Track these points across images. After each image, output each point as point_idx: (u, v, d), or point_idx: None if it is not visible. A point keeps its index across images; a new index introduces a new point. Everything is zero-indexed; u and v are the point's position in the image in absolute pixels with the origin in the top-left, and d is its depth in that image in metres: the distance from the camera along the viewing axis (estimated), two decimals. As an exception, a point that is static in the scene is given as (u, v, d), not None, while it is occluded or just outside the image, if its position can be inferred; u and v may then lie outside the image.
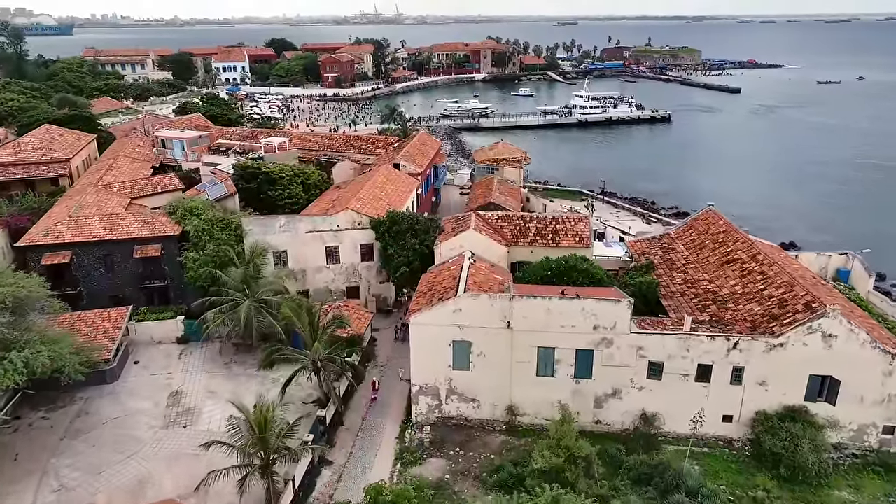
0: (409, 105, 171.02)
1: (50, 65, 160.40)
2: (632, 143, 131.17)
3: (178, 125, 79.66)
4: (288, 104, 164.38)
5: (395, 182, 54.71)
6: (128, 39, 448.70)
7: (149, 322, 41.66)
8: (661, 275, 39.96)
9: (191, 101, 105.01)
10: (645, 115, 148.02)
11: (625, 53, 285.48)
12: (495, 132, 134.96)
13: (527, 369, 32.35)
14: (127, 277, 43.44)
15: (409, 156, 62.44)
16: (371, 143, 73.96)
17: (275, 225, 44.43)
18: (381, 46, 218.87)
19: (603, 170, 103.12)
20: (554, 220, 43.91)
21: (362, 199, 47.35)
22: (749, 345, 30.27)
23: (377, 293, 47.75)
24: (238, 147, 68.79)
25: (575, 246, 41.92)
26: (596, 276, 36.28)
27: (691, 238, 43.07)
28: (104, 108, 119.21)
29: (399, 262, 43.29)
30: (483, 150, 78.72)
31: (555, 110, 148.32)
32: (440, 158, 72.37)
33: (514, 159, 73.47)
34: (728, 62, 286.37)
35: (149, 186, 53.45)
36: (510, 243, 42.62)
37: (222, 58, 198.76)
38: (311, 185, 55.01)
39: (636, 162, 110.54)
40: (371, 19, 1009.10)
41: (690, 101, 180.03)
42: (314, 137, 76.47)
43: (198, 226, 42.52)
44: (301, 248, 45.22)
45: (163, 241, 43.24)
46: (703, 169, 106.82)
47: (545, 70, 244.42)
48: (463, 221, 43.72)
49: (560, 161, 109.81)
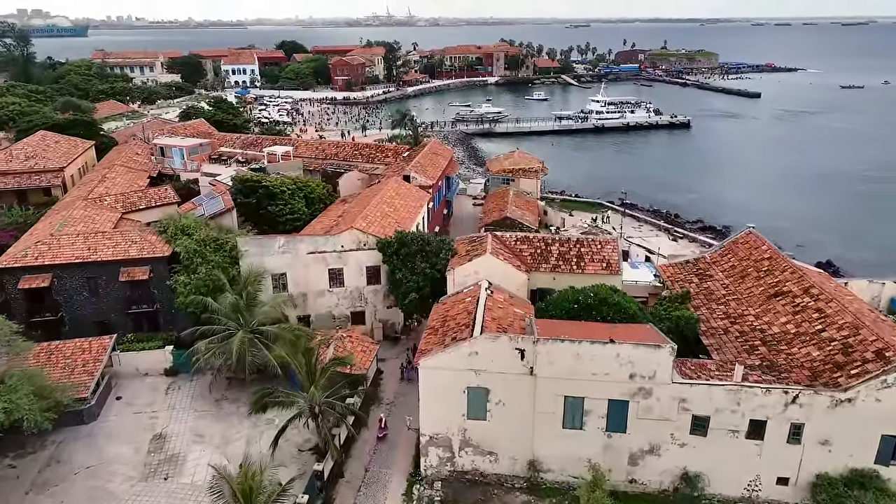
0: (420, 109, 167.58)
1: (58, 67, 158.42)
2: (650, 151, 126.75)
3: (179, 132, 76.43)
4: (297, 108, 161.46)
5: (404, 196, 50.99)
6: (141, 41, 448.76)
7: (135, 352, 38.13)
8: (698, 306, 35.92)
9: (195, 105, 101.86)
10: (663, 121, 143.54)
11: (640, 57, 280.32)
12: (509, 138, 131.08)
13: (552, 420, 28.45)
14: (113, 302, 39.98)
15: (419, 167, 58.72)
16: (380, 151, 70.35)
17: (273, 246, 40.83)
18: (393, 49, 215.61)
19: (621, 179, 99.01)
20: (578, 243, 39.96)
21: (369, 217, 43.65)
22: (811, 399, 26.20)
23: (384, 318, 44.03)
24: (240, 156, 65.41)
25: (602, 272, 37.96)
26: (629, 311, 32.30)
27: (731, 264, 38.97)
28: (109, 112, 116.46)
29: (408, 288, 39.52)
30: (498, 159, 74.86)
31: (570, 115, 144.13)
32: (453, 168, 68.62)
33: (530, 170, 69.59)
34: (746, 66, 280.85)
35: (142, 200, 50.07)
36: (530, 268, 38.73)
37: (232, 60, 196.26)
38: (315, 199, 51.37)
39: (655, 170, 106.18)
40: (383, 21, 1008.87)
41: (709, 106, 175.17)
42: (320, 145, 72.98)
43: (189, 247, 38.97)
44: (302, 270, 41.60)
45: (152, 262, 39.74)
46: (725, 178, 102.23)
47: (559, 73, 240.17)
48: (478, 244, 39.87)
49: (576, 169, 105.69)
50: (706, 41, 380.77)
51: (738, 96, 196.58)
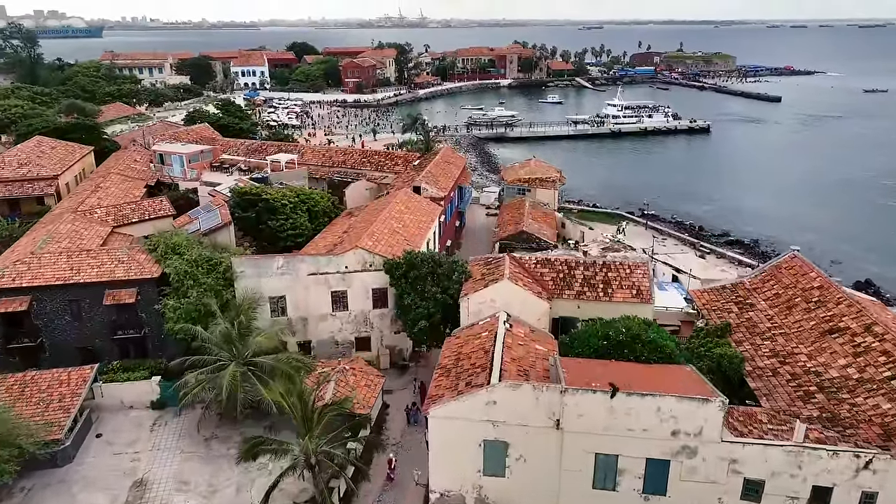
0: (431, 112, 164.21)
1: (66, 68, 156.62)
2: (669, 157, 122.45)
3: (182, 137, 73.57)
4: (307, 110, 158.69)
5: (414, 210, 47.58)
6: (155, 42, 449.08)
7: (119, 383, 34.93)
8: (740, 341, 32.20)
9: (200, 108, 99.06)
10: (682, 126, 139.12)
11: (655, 59, 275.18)
12: (523, 143, 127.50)
13: (580, 479, 24.88)
14: (97, 326, 36.84)
15: (431, 177, 55.31)
16: (389, 159, 67.05)
17: (271, 266, 37.55)
18: (404, 51, 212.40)
19: (640, 187, 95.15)
20: (605, 267, 36.33)
21: (375, 234, 40.27)
22: (887, 465, 22.48)
23: (391, 344, 40.63)
24: (243, 164, 62.31)
25: (631, 300, 34.36)
26: (665, 349, 28.68)
27: (774, 292, 35.17)
28: (115, 115, 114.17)
29: (417, 315, 36.09)
30: (513, 168, 71.32)
31: (586, 120, 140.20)
32: (466, 178, 65.16)
33: (547, 179, 65.99)
34: (764, 68, 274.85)
35: (135, 212, 47.01)
36: (552, 294, 35.18)
37: (242, 62, 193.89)
38: (319, 212, 48.07)
39: (675, 178, 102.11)
40: (395, 22, 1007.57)
41: (729, 111, 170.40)
42: (327, 152, 69.82)
43: (179, 268, 35.76)
44: (302, 293, 38.30)
45: (139, 284, 36.57)
46: (749, 186, 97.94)
47: (573, 76, 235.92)
48: (494, 267, 36.38)
49: (593, 176, 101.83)
50: (721, 43, 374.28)
51: (758, 100, 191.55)
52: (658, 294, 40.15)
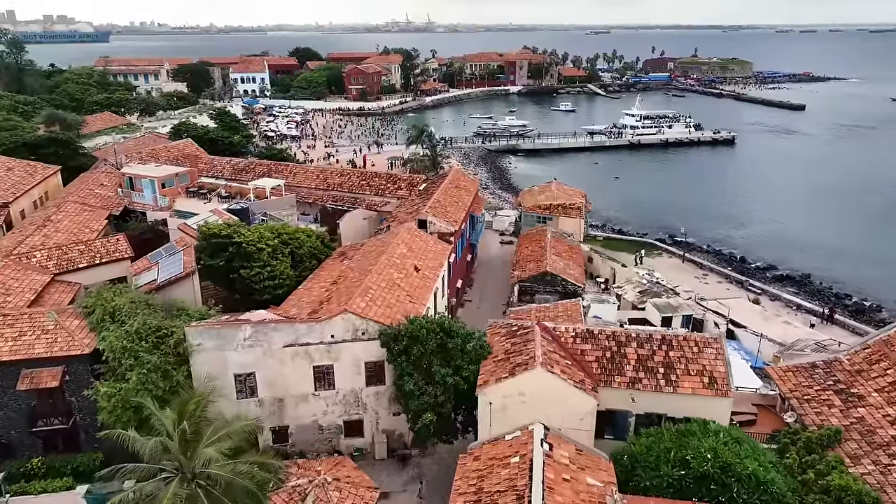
0: (438, 121, 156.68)
1: (56, 75, 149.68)
2: (693, 172, 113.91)
3: (161, 154, 65.84)
4: (308, 119, 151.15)
5: (419, 253, 39.55)
6: (161, 46, 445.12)
7: (33, 496, 26.96)
8: (857, 456, 23.94)
9: (187, 121, 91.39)
10: (706, 138, 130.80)
11: (669, 65, 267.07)
12: (536, 156, 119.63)
13: None
14: (12, 415, 28.92)
15: (438, 207, 47.28)
16: (391, 182, 59.14)
17: (236, 337, 29.53)
18: (411, 56, 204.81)
19: (665, 206, 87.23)
20: (665, 343, 28.10)
21: (371, 291, 32.20)
22: None
23: (389, 428, 32.53)
24: (224, 189, 54.41)
25: (703, 391, 26.15)
26: (770, 485, 20.47)
27: (891, 380, 26.89)
28: (103, 125, 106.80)
29: (422, 405, 28.03)
30: (531, 192, 63.17)
31: (602, 130, 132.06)
32: (479, 205, 57.09)
33: (572, 206, 57.92)
34: (781, 75, 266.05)
35: (83, 255, 39.07)
36: (597, 380, 27.06)
37: (241, 68, 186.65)
38: (305, 254, 40.07)
39: (703, 196, 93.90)
40: (402, 27, 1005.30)
41: (751, 120, 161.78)
42: (322, 174, 61.93)
43: (115, 344, 27.78)
44: (277, 368, 30.27)
45: (67, 362, 28.68)
46: (787, 207, 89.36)
47: (585, 83, 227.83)
48: (521, 341, 28.23)
49: (614, 193, 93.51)
50: (732, 48, 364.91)
51: (781, 108, 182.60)
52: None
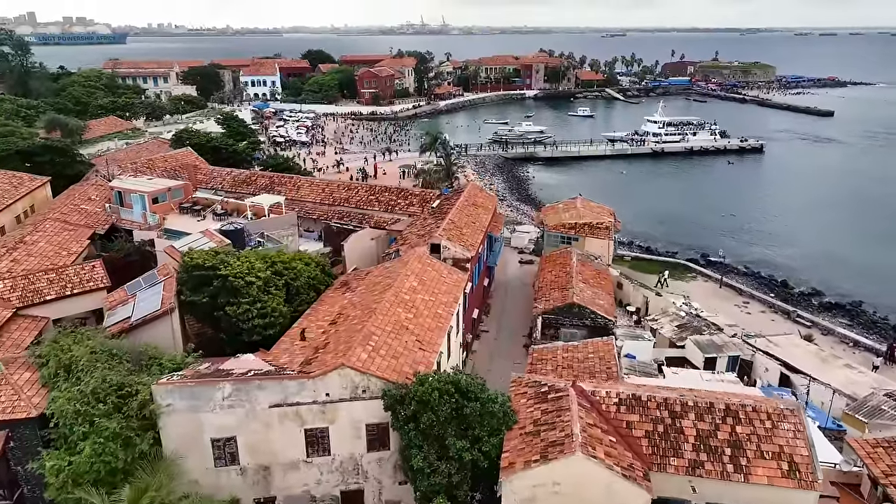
0: (452, 126, 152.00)
1: (64, 78, 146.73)
2: (721, 182, 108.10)
3: (158, 164, 61.63)
4: (319, 124, 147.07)
5: (431, 285, 34.70)
6: (177, 48, 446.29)
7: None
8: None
9: (189, 127, 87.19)
10: (732, 145, 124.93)
11: (689, 69, 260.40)
12: (556, 165, 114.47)
13: None
14: (-52, 487, 24.55)
15: (454, 230, 42.42)
16: (402, 197, 54.38)
17: (214, 396, 24.85)
18: (425, 59, 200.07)
19: (694, 219, 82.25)
20: (731, 413, 22.96)
21: (374, 339, 27.39)
22: None
23: (394, 499, 27.70)
24: (220, 205, 49.87)
25: (782, 481, 21.05)
26: None
27: None
28: (106, 130, 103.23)
29: (432, 486, 23.15)
30: (554, 209, 58.10)
31: (623, 137, 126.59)
32: (497, 223, 52.07)
33: (599, 226, 52.79)
34: (805, 79, 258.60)
35: (53, 285, 34.57)
36: (648, 464, 22.05)
37: (252, 71, 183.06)
38: (302, 285, 35.33)
39: (732, 209, 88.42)
40: (417, 30, 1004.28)
41: (778, 126, 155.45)
42: (328, 187, 57.31)
43: (65, 408, 23.20)
44: (262, 432, 25.55)
45: (11, 426, 24.15)
46: (825, 223, 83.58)
47: (603, 87, 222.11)
48: (554, 410, 23.28)
49: (638, 206, 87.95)
50: (751, 52, 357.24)
51: (808, 115, 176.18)
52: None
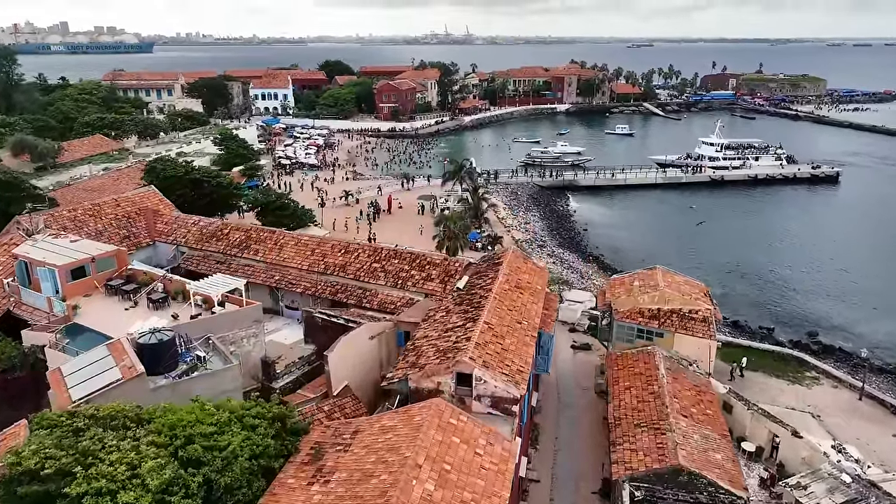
0: (478, 146, 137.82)
1: (59, 90, 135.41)
2: (795, 220, 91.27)
3: (103, 213, 47.83)
4: (332, 141, 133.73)
5: (458, 469, 19.81)
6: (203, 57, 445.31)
7: None
8: None
9: (163, 156, 73.35)
10: (802, 173, 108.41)
11: (731, 82, 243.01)
12: (599, 194, 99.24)
13: None
14: None
15: (492, 343, 27.48)
16: (417, 266, 39.61)
17: None
18: (449, 71, 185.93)
19: (780, 275, 65.91)
20: None
21: None
22: None
23: None
24: (161, 282, 35.37)
25: None
26: None
27: None
28: (88, 152, 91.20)
29: None
30: (624, 283, 42.53)
31: (675, 161, 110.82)
32: (550, 314, 36.81)
33: (694, 315, 37.47)
34: (860, 93, 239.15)
35: None
36: None
37: (263, 83, 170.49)
38: (234, 478, 20.54)
39: (817, 260, 72.37)
40: (441, 39, 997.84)
41: (847, 149, 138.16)
42: (320, 249, 42.72)
43: None
44: None
45: None
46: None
47: (640, 101, 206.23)
48: None
49: (707, 257, 72.24)
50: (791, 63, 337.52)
51: (873, 133, 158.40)
52: None
